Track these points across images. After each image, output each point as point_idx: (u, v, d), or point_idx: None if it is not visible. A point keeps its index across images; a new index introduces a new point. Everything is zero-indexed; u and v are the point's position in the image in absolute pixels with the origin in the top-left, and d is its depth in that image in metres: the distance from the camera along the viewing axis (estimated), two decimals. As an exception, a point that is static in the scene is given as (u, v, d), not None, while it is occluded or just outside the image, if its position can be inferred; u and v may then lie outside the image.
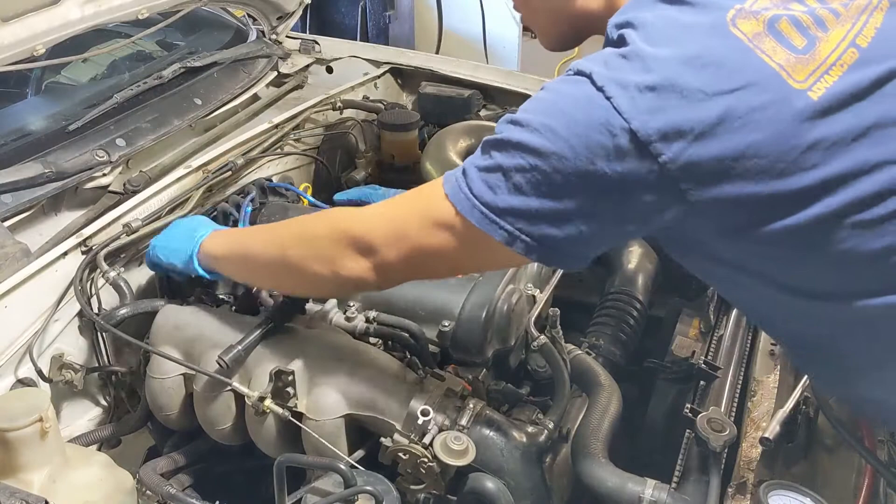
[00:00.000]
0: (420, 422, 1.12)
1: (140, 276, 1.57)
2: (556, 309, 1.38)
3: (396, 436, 1.14)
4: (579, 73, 0.85)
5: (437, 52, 4.40)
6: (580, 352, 1.42)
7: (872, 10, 0.88)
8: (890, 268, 0.83)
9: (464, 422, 1.15)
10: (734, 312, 1.62)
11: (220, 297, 1.43)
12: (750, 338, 1.56)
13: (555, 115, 0.84)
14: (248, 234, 1.26)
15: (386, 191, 1.67)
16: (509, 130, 0.87)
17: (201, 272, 1.26)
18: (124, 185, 1.66)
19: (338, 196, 1.72)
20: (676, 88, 0.79)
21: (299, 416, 1.19)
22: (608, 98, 0.80)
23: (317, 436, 1.16)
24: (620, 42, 0.86)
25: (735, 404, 1.39)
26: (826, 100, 0.81)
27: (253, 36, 2.29)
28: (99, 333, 1.40)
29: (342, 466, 0.98)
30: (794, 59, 0.82)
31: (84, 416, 1.45)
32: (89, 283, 1.40)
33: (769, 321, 1.05)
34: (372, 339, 1.31)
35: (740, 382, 1.44)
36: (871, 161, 0.81)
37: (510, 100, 2.21)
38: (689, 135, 0.79)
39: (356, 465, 1.12)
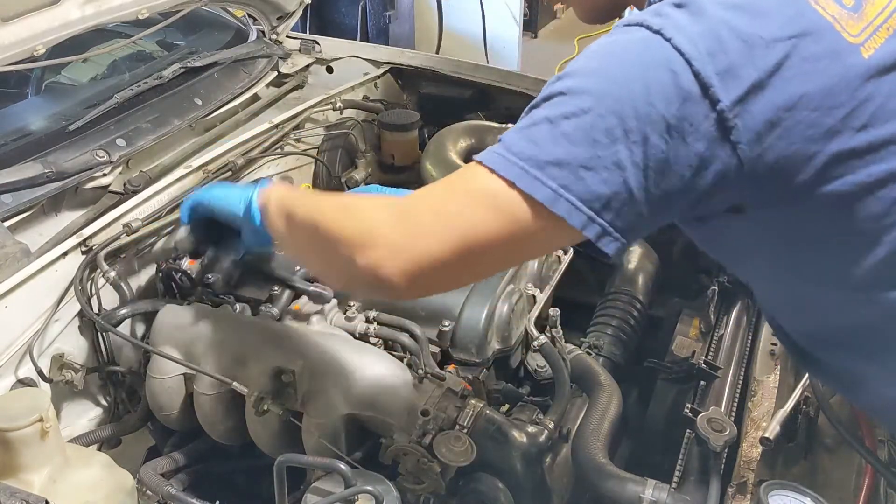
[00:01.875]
0: (420, 422, 1.12)
1: (140, 276, 1.58)
2: (557, 309, 1.38)
3: (396, 435, 1.14)
4: (630, 24, 0.80)
5: (437, 52, 4.40)
6: (580, 352, 1.42)
7: None
8: None
9: (464, 422, 1.15)
10: (734, 312, 1.62)
11: (220, 296, 1.43)
12: (750, 338, 1.56)
13: (609, 58, 0.79)
14: (302, 198, 1.05)
15: (391, 190, 1.67)
16: (556, 84, 0.80)
17: (258, 218, 1.11)
18: (124, 185, 1.66)
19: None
20: (735, 33, 0.76)
21: (299, 415, 1.19)
22: (667, 39, 0.76)
23: (317, 436, 1.16)
24: None
25: (735, 404, 1.39)
26: (877, 59, 0.78)
27: (253, 36, 2.29)
28: (99, 333, 1.40)
29: (342, 466, 0.98)
30: (846, 14, 0.80)
31: (84, 416, 1.45)
32: (89, 283, 1.40)
33: (796, 312, 0.98)
34: (372, 339, 1.31)
35: (740, 382, 1.44)
36: None
37: (510, 100, 2.21)
38: (747, 81, 0.75)
39: (356, 465, 1.12)
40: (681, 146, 0.77)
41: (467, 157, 1.94)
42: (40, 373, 1.33)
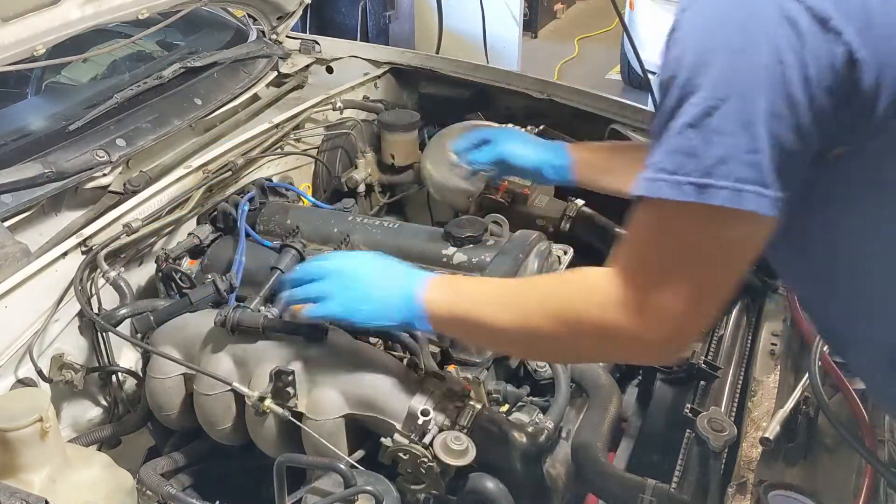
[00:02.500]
0: (420, 422, 1.12)
1: (140, 275, 1.58)
2: (557, 309, 1.37)
3: (396, 436, 1.14)
4: None
5: (437, 52, 4.39)
6: (580, 352, 1.41)
7: None
8: None
9: (464, 422, 1.15)
10: (734, 312, 1.62)
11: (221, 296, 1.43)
12: (750, 338, 1.56)
13: (722, 31, 0.75)
14: (478, 298, 1.03)
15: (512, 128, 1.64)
16: (682, 85, 0.76)
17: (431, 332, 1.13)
18: (124, 185, 1.66)
19: (458, 146, 1.56)
20: None
21: (299, 416, 1.19)
22: None
23: (317, 436, 1.16)
24: None
25: (735, 404, 1.39)
26: None
27: (253, 36, 2.30)
28: (99, 333, 1.40)
29: (342, 466, 0.98)
30: None
31: (84, 416, 1.45)
32: (89, 283, 1.40)
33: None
34: (372, 339, 1.31)
35: (740, 382, 1.44)
36: None
37: (510, 100, 2.21)
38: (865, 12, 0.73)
39: (356, 465, 1.12)
40: (816, 90, 0.73)
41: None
42: (40, 373, 1.33)
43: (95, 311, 1.37)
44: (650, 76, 3.63)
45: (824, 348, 1.36)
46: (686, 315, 0.83)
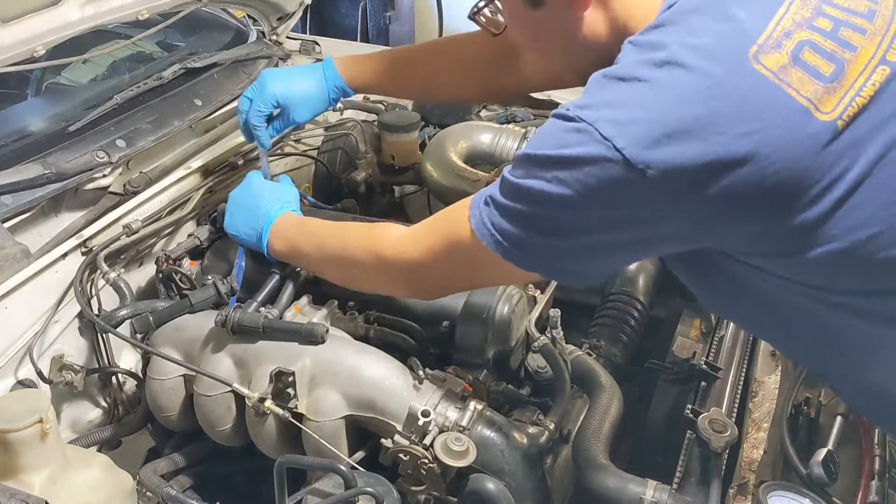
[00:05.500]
0: (420, 423, 1.12)
1: (140, 276, 1.58)
2: (557, 310, 1.38)
3: (397, 437, 1.14)
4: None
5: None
6: (581, 353, 1.41)
7: None
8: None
9: (464, 423, 1.15)
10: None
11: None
12: (751, 339, 1.56)
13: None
14: (304, 238, 1.31)
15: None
16: (529, 182, 0.92)
17: (269, 257, 1.35)
18: (124, 185, 1.65)
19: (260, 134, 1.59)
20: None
21: (300, 417, 1.19)
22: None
23: (317, 437, 1.16)
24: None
25: (736, 405, 1.39)
26: (853, 125, 0.81)
27: (253, 37, 2.29)
28: (99, 334, 1.40)
29: (342, 467, 0.98)
30: (823, 89, 0.80)
31: (84, 417, 1.44)
32: (89, 284, 1.40)
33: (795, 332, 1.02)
34: (372, 340, 1.31)
35: (741, 383, 1.44)
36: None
37: (510, 100, 2.21)
38: None
39: (357, 466, 1.12)
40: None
41: (467, 158, 1.94)
42: (40, 374, 1.32)
43: (95, 312, 1.37)
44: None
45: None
46: (433, 290, 1.19)
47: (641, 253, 1.06)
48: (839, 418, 1.29)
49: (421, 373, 1.20)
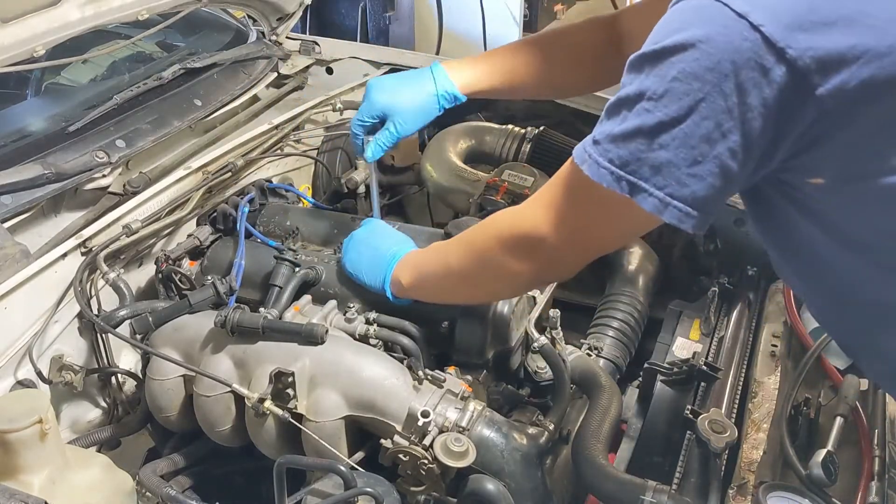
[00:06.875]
0: (420, 423, 1.12)
1: (140, 276, 1.58)
2: (557, 310, 1.38)
3: (397, 437, 1.14)
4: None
5: (437, 53, 4.39)
6: (581, 353, 1.41)
7: None
8: None
9: (464, 423, 1.15)
10: (735, 314, 1.62)
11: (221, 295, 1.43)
12: (751, 339, 1.56)
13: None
14: (429, 259, 1.25)
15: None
16: (645, 82, 0.82)
17: (393, 300, 1.31)
18: (124, 186, 1.66)
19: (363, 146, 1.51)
20: None
21: (299, 417, 1.19)
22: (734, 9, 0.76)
23: (317, 437, 1.16)
24: None
25: (736, 406, 1.39)
26: None
27: (253, 37, 2.29)
28: (98, 335, 1.40)
29: (342, 468, 0.98)
30: None
31: (84, 417, 1.44)
32: (89, 284, 1.40)
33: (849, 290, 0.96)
34: (372, 341, 1.31)
35: (741, 384, 1.44)
36: None
37: (510, 100, 2.21)
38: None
39: (356, 466, 1.12)
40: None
41: (467, 158, 1.94)
42: (40, 374, 1.32)
43: (95, 312, 1.37)
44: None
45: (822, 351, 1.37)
46: (565, 261, 1.06)
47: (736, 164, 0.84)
48: (839, 419, 1.29)
49: (420, 373, 1.20)
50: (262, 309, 1.32)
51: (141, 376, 1.37)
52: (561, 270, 1.09)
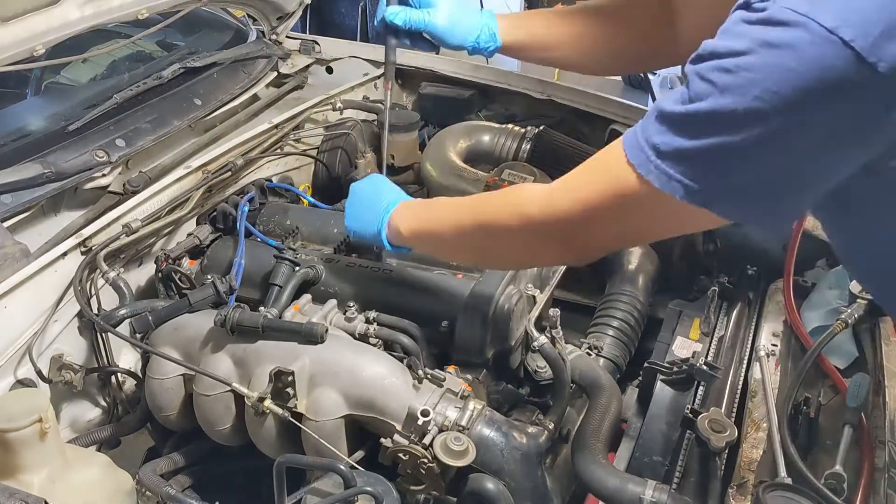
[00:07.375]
0: (420, 422, 1.12)
1: (140, 276, 1.58)
2: (557, 309, 1.37)
3: (396, 436, 1.14)
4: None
5: (437, 53, 4.38)
6: (580, 352, 1.41)
7: None
8: None
9: (464, 422, 1.15)
10: (734, 313, 1.62)
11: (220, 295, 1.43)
12: (750, 339, 1.56)
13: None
14: (435, 215, 1.21)
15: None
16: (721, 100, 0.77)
17: (389, 248, 1.28)
18: (124, 185, 1.66)
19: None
20: None
21: (299, 416, 1.19)
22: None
23: (316, 436, 1.16)
24: None
25: (735, 405, 1.39)
26: None
27: (253, 36, 2.29)
28: (98, 334, 1.40)
29: (342, 467, 0.98)
30: None
31: (83, 416, 1.44)
32: (89, 283, 1.39)
33: None
34: (372, 340, 1.31)
35: (741, 383, 1.44)
36: None
37: (510, 100, 2.21)
38: None
39: (356, 465, 1.12)
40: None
41: (467, 157, 1.94)
42: (39, 373, 1.32)
43: (95, 311, 1.37)
44: (650, 76, 3.63)
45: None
46: (598, 249, 1.01)
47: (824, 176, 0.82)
48: (847, 429, 1.26)
49: (420, 372, 1.20)
50: (261, 308, 1.32)
51: (141, 375, 1.37)
52: (590, 257, 1.04)
